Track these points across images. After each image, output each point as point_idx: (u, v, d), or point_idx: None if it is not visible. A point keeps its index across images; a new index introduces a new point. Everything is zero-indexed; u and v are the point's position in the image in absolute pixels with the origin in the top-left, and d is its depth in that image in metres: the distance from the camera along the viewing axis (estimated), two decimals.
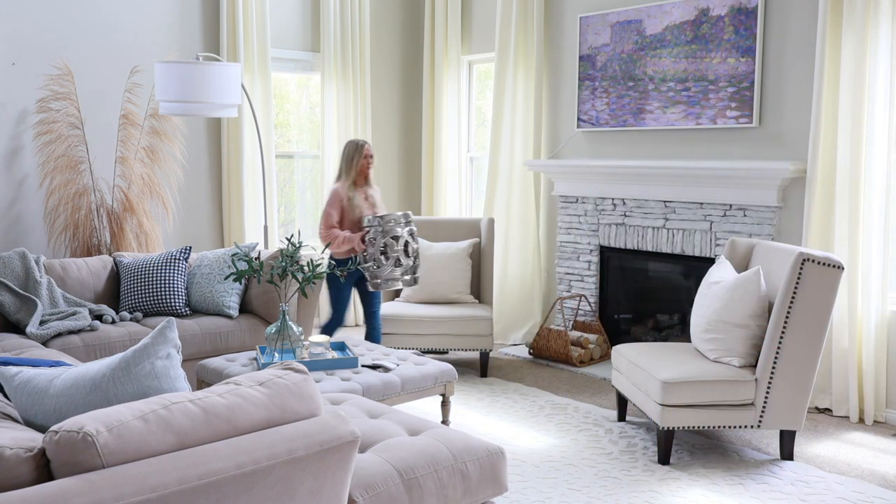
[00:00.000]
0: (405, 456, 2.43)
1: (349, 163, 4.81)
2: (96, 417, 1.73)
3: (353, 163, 4.80)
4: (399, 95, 7.08)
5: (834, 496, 3.44)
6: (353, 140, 4.86)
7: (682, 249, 5.17)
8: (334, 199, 4.79)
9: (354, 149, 4.81)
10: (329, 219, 4.76)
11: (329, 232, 4.74)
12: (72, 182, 5.25)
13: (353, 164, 4.80)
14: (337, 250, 4.78)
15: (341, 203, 4.79)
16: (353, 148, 4.81)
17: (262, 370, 2.12)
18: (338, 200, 4.79)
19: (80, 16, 5.41)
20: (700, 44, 5.02)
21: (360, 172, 4.82)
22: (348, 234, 4.72)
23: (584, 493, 3.45)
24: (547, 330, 5.60)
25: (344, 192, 4.81)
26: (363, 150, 4.81)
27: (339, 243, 4.76)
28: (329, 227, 4.75)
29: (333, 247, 4.75)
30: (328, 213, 4.76)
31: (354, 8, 6.51)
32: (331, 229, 4.74)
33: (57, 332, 4.18)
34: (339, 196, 4.80)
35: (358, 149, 4.80)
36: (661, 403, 3.68)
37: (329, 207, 4.78)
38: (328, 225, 4.75)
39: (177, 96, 4.97)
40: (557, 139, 6.00)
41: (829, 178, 4.42)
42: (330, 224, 4.75)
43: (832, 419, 4.44)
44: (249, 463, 1.81)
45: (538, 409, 4.58)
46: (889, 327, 4.34)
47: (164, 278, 4.74)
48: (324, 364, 3.85)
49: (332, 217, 4.75)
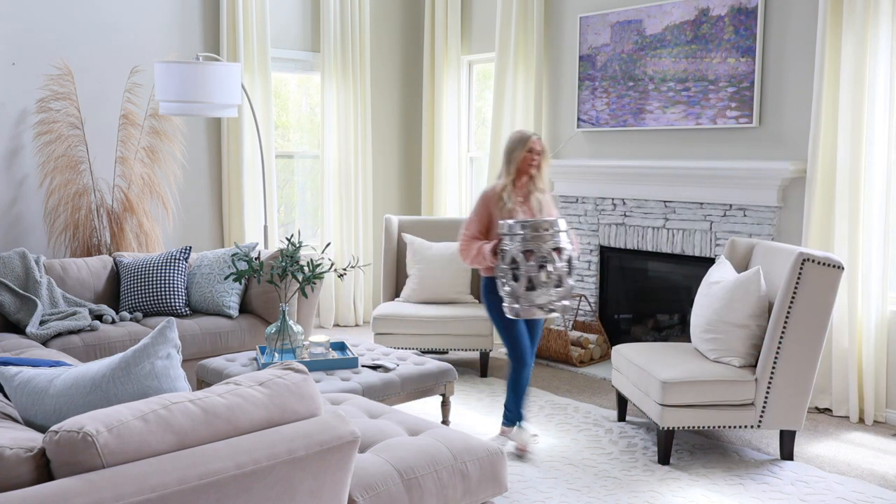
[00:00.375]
0: (405, 456, 2.42)
1: (508, 156, 3.86)
2: (96, 417, 1.73)
3: (512, 156, 3.83)
4: (399, 95, 7.08)
5: (834, 496, 3.43)
6: (519, 130, 3.93)
7: (682, 249, 5.17)
8: (480, 203, 3.84)
9: (517, 141, 3.85)
10: (469, 227, 3.83)
11: (468, 245, 3.80)
12: (72, 182, 5.25)
13: (512, 159, 3.83)
14: (477, 266, 3.83)
15: (488, 207, 3.81)
16: (516, 140, 3.86)
17: (262, 370, 2.12)
18: (484, 205, 3.82)
19: (80, 16, 5.41)
20: (700, 44, 5.02)
21: (519, 170, 3.84)
22: (484, 246, 3.72)
23: (584, 493, 3.44)
24: (547, 330, 5.60)
25: (494, 194, 3.83)
26: (527, 142, 3.82)
27: (473, 257, 3.78)
28: (469, 239, 3.80)
29: (470, 262, 3.82)
30: (469, 220, 3.85)
31: (354, 8, 6.51)
32: (471, 241, 3.79)
33: (57, 332, 4.18)
34: (486, 199, 3.84)
35: (521, 141, 3.83)
36: (661, 403, 3.68)
37: (472, 213, 3.86)
38: (468, 235, 3.82)
39: (177, 96, 4.97)
40: (557, 139, 6.00)
41: (829, 178, 4.42)
42: (471, 234, 3.81)
43: (832, 419, 4.43)
44: (249, 463, 1.81)
45: (538, 409, 4.58)
46: (889, 327, 4.34)
47: (164, 278, 4.74)
48: (324, 364, 3.85)
49: (472, 225, 3.83)
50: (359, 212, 6.66)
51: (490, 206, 3.80)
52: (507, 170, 3.84)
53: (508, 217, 3.73)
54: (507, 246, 3.58)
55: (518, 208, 3.79)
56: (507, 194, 3.79)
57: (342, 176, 6.59)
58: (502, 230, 3.61)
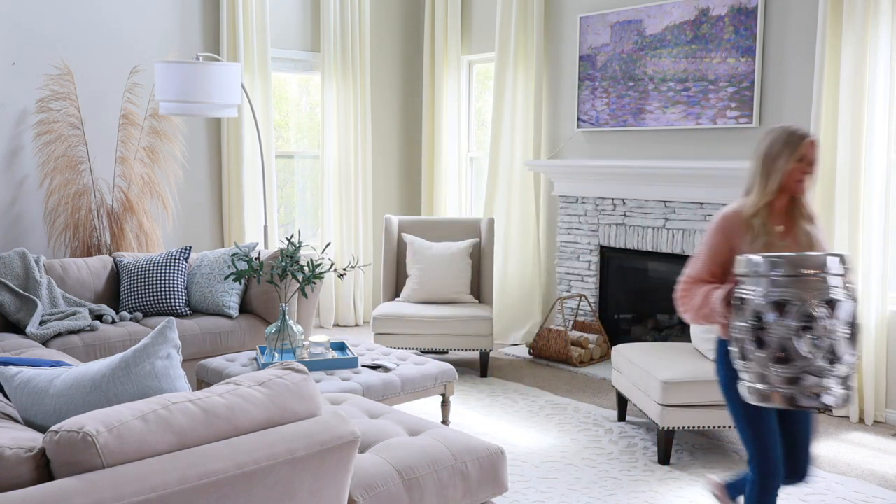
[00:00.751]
0: (405, 456, 2.42)
1: (767, 164, 2.54)
2: (96, 417, 1.73)
3: (774, 165, 2.52)
4: (399, 95, 7.08)
5: (834, 496, 3.43)
6: (785, 127, 2.56)
7: (682, 249, 5.17)
8: (716, 231, 2.57)
9: (784, 142, 2.52)
10: (695, 265, 2.61)
11: (690, 290, 2.58)
12: (72, 182, 5.25)
13: (773, 169, 2.53)
14: (704, 324, 2.61)
15: (729, 238, 2.55)
16: (782, 139, 2.53)
17: (262, 370, 2.12)
18: (722, 233, 2.56)
19: (80, 16, 5.41)
20: (700, 44, 5.02)
21: (783, 187, 2.54)
22: (715, 293, 2.48)
23: (584, 493, 3.44)
24: (547, 330, 5.60)
25: (740, 219, 2.55)
26: (799, 146, 2.51)
27: (697, 309, 2.55)
28: (693, 282, 2.59)
29: (693, 316, 2.58)
30: (696, 254, 2.63)
31: (354, 8, 6.51)
32: (695, 284, 2.58)
33: (57, 332, 4.18)
34: (726, 224, 2.57)
35: (790, 143, 2.52)
36: (661, 403, 3.68)
37: (702, 245, 2.62)
38: (692, 277, 2.59)
39: (177, 96, 4.97)
40: (557, 139, 6.00)
41: (829, 178, 4.42)
42: (696, 275, 2.59)
43: (832, 419, 4.43)
44: (249, 463, 1.81)
45: (538, 409, 4.58)
46: (889, 327, 4.34)
47: (164, 278, 4.74)
48: (324, 364, 3.85)
49: (700, 263, 2.59)
50: (359, 212, 6.66)
51: (732, 236, 2.54)
52: (762, 184, 2.53)
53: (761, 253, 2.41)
54: (748, 293, 2.32)
55: (777, 242, 2.52)
56: (762, 220, 2.52)
57: (342, 176, 6.59)
58: (743, 269, 2.36)
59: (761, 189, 2.55)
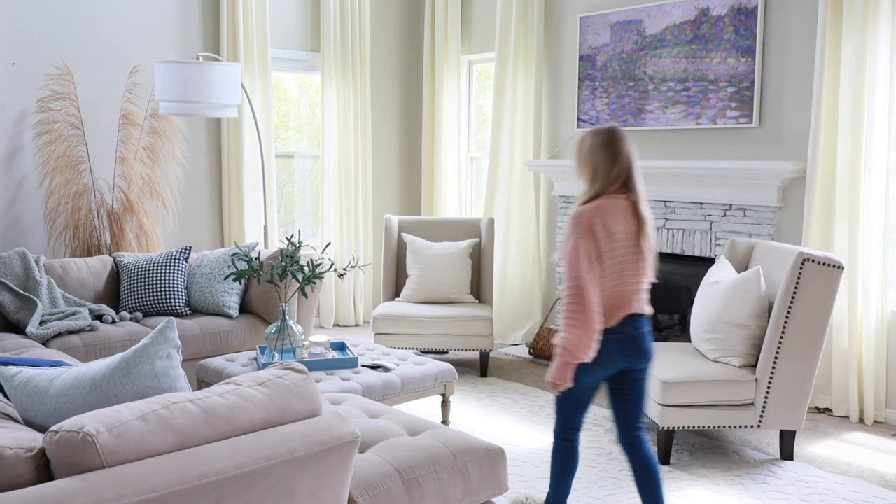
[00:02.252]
0: (405, 456, 2.42)
1: (606, 154, 2.69)
2: (96, 417, 1.73)
3: (612, 156, 2.69)
4: (399, 95, 7.08)
5: (834, 496, 3.43)
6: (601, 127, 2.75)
7: (682, 249, 5.17)
8: (576, 229, 2.60)
9: (607, 136, 2.71)
10: (576, 271, 2.57)
11: (575, 303, 2.55)
12: (72, 182, 5.25)
13: (615, 158, 2.68)
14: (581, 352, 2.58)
15: (593, 233, 2.59)
16: (605, 135, 2.71)
17: (262, 370, 2.12)
18: (585, 229, 2.59)
19: (80, 16, 5.41)
20: (700, 44, 5.02)
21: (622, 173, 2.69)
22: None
23: (584, 493, 3.44)
24: (547, 330, 5.60)
25: (589, 214, 2.62)
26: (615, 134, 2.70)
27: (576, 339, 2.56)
28: (579, 292, 2.55)
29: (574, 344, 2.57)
30: (573, 259, 2.58)
31: (354, 8, 6.51)
32: (580, 296, 2.55)
33: (57, 332, 4.18)
34: (584, 221, 2.60)
35: (610, 134, 2.70)
36: (661, 403, 3.68)
37: (572, 249, 2.59)
38: (577, 284, 2.55)
39: (177, 96, 4.97)
40: (557, 139, 6.00)
41: (829, 178, 4.42)
42: (580, 284, 2.55)
43: (832, 419, 4.43)
44: (249, 463, 1.81)
45: (538, 409, 4.58)
46: (889, 327, 4.34)
47: (164, 278, 4.74)
48: (324, 364, 3.85)
49: (580, 267, 2.56)
50: (359, 212, 6.66)
51: (594, 231, 2.64)
52: (604, 175, 2.71)
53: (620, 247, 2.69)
54: None
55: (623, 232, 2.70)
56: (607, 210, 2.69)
57: (342, 176, 6.59)
58: None
59: (601, 180, 2.73)
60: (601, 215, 2.64)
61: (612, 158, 2.68)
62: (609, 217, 2.65)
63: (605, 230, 2.62)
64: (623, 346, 2.72)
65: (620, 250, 2.66)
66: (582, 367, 2.65)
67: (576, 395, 2.76)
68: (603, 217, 2.63)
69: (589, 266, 2.58)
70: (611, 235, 2.63)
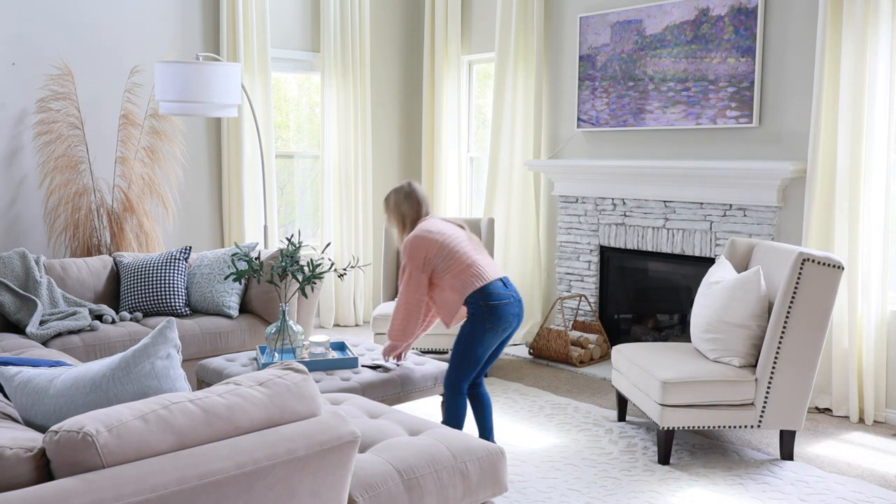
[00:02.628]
0: (405, 456, 2.42)
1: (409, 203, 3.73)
2: (96, 417, 1.73)
3: (415, 202, 3.73)
4: (399, 95, 7.08)
5: (834, 496, 3.44)
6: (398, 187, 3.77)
7: (682, 249, 5.17)
8: (417, 249, 3.56)
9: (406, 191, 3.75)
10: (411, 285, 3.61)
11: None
12: (72, 182, 5.25)
13: (418, 204, 3.73)
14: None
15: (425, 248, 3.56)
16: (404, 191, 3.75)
17: (262, 370, 2.12)
18: (431, 244, 3.56)
19: (80, 16, 5.41)
20: (700, 44, 5.02)
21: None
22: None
23: (584, 493, 3.44)
24: (547, 330, 5.60)
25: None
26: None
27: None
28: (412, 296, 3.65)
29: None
30: (410, 274, 3.61)
31: (354, 8, 6.51)
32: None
33: (57, 332, 4.18)
34: (426, 239, 3.57)
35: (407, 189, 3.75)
36: (661, 403, 3.68)
37: (410, 260, 3.57)
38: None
39: (177, 96, 4.97)
40: (557, 139, 6.00)
41: (829, 178, 4.42)
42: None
43: (832, 419, 4.43)
44: (249, 463, 1.81)
45: (538, 409, 4.58)
46: (889, 327, 4.34)
47: (164, 278, 4.74)
48: (324, 364, 3.84)
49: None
50: (359, 212, 6.66)
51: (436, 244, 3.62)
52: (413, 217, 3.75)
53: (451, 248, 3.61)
54: None
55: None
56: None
57: (342, 176, 6.59)
58: None
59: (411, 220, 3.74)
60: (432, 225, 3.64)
61: (416, 204, 3.71)
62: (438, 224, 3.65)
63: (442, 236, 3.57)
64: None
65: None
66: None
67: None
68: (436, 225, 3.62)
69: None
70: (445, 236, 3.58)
